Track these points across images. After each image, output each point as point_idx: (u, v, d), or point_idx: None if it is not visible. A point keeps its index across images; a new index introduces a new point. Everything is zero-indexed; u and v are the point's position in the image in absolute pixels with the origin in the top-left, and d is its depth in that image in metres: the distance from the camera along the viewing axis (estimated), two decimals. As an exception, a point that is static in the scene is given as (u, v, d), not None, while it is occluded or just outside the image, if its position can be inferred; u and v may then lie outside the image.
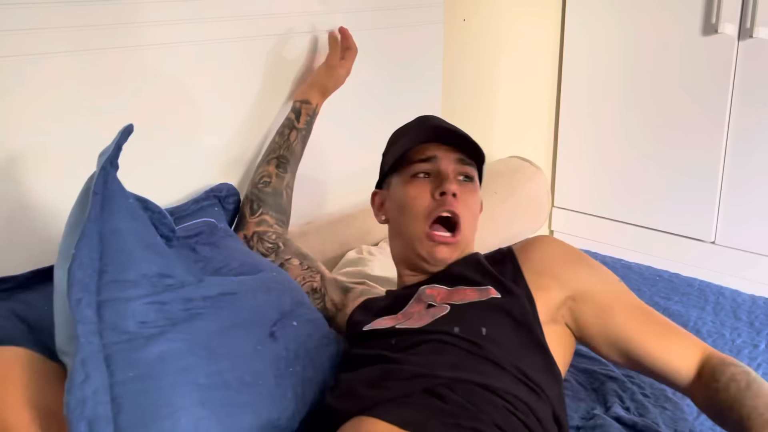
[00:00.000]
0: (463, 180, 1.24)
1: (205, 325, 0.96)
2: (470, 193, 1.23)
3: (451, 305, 1.11)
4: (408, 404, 0.95)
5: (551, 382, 1.03)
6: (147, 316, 0.91)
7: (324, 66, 1.59)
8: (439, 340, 1.04)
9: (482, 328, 1.05)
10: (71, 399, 0.83)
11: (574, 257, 1.18)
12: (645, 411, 1.19)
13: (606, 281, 1.16)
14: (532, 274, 1.13)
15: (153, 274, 0.94)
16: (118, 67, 1.32)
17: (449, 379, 0.97)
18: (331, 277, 1.40)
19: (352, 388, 1.02)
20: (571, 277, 1.14)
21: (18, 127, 1.22)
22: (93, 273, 0.90)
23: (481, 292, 1.12)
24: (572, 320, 1.13)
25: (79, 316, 0.87)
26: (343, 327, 1.29)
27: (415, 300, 1.17)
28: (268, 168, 1.48)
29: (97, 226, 0.92)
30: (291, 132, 1.52)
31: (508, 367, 1.00)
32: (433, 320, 1.09)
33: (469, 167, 1.24)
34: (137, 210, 0.99)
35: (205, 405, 0.90)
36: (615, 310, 1.12)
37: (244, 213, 1.44)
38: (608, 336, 1.11)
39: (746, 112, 2.22)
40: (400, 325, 1.12)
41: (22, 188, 1.24)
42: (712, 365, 1.05)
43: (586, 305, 1.12)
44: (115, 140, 0.98)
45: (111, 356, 0.87)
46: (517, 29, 2.39)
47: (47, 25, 1.21)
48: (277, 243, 1.40)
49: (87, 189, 0.96)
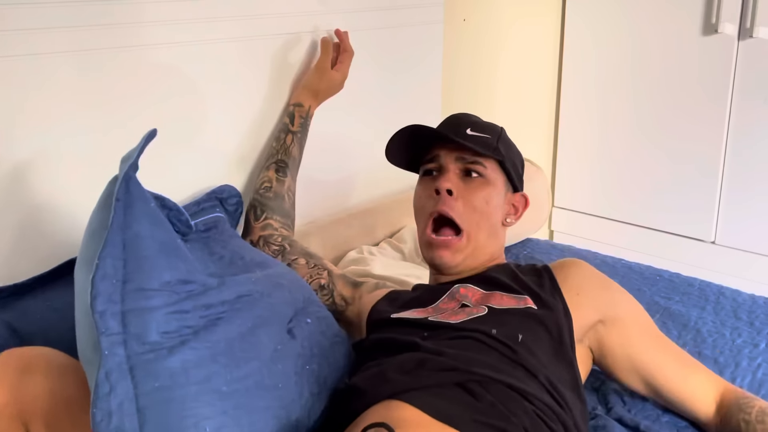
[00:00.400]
0: (465, 175, 1.22)
1: (225, 332, 0.96)
2: (474, 190, 1.20)
3: (488, 307, 1.11)
4: (441, 395, 0.95)
5: (575, 399, 1.05)
6: (169, 326, 0.91)
7: (314, 69, 1.59)
8: (475, 338, 1.04)
9: (519, 335, 1.05)
10: (97, 412, 0.83)
11: (608, 283, 1.20)
12: (646, 412, 1.19)
13: (634, 310, 1.18)
14: (568, 291, 1.14)
15: (175, 281, 0.94)
16: (123, 67, 1.32)
17: (484, 377, 0.97)
18: (339, 272, 1.40)
19: (382, 372, 1.01)
20: (605, 301, 1.16)
21: (23, 130, 1.22)
22: (117, 282, 0.89)
23: (519, 300, 1.12)
24: (597, 343, 1.15)
25: (103, 327, 0.87)
26: (354, 320, 1.30)
27: (448, 296, 1.17)
28: (268, 173, 1.50)
29: (120, 234, 0.92)
30: (287, 136, 1.54)
31: (539, 377, 1.01)
32: (470, 318, 1.09)
33: (473, 164, 1.21)
34: (158, 214, 0.99)
35: (227, 413, 0.90)
36: (640, 338, 1.15)
37: (249, 219, 1.46)
38: (631, 362, 1.14)
39: (746, 112, 2.22)
40: (432, 318, 1.12)
41: (27, 191, 1.24)
42: (735, 396, 1.09)
43: (614, 330, 1.14)
44: (139, 145, 0.98)
45: (135, 367, 0.87)
46: (517, 29, 2.39)
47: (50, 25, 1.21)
48: (283, 245, 1.41)
49: (109, 194, 0.95)
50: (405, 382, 0.98)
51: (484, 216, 1.21)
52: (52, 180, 1.26)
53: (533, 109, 2.61)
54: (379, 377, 1.01)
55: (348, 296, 1.35)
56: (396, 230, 1.80)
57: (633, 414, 1.18)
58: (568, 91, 2.59)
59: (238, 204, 1.41)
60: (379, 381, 1.00)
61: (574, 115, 2.61)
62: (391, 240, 1.76)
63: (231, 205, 1.40)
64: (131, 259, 0.92)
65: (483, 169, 1.22)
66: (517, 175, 1.27)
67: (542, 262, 1.79)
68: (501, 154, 1.23)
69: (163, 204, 1.06)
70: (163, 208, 1.04)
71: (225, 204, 1.39)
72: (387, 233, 1.79)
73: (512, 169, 1.25)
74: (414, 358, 1.02)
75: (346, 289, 1.36)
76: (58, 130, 1.26)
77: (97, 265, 0.89)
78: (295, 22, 1.61)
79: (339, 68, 1.58)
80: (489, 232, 1.22)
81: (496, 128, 1.27)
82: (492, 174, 1.23)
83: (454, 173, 1.21)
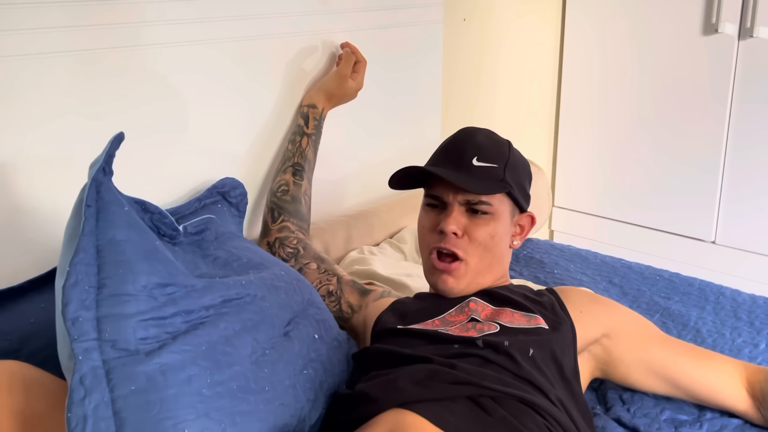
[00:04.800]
0: (470, 212, 1.19)
1: (208, 335, 0.95)
2: (479, 226, 1.18)
3: (500, 325, 1.12)
4: (451, 409, 0.95)
5: (587, 420, 1.07)
6: (147, 332, 0.90)
7: (335, 74, 1.62)
8: (484, 356, 1.04)
9: (530, 349, 1.06)
10: (72, 416, 0.82)
11: (608, 301, 1.24)
12: (645, 411, 1.19)
13: (637, 318, 1.22)
14: (573, 310, 1.17)
15: (153, 285, 0.93)
16: (118, 67, 1.32)
17: (496, 391, 0.98)
18: (349, 279, 1.40)
19: (393, 380, 1.01)
20: (607, 315, 1.19)
21: (15, 129, 1.21)
22: (90, 288, 0.88)
23: (529, 318, 1.13)
24: (605, 355, 1.16)
25: (75, 334, 0.85)
26: (359, 328, 1.31)
27: (457, 310, 1.17)
28: (285, 176, 1.52)
29: (92, 240, 0.91)
30: (302, 138, 1.56)
31: (550, 395, 1.02)
32: (482, 335, 1.10)
33: (479, 204, 1.18)
34: (134, 217, 0.98)
35: (209, 416, 0.89)
36: (649, 341, 1.17)
37: (267, 221, 1.49)
38: (648, 363, 1.16)
39: (746, 111, 2.22)
40: (442, 330, 1.12)
41: (17, 193, 1.24)
42: (764, 374, 1.12)
43: (621, 339, 1.16)
44: (105, 149, 0.97)
45: (111, 371, 0.86)
46: (517, 29, 2.39)
47: (47, 25, 1.21)
48: (297, 248, 1.43)
49: (80, 202, 0.94)
50: (416, 392, 0.97)
51: (487, 249, 1.20)
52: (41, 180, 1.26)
53: (533, 109, 2.61)
54: (390, 386, 1.00)
55: (355, 304, 1.35)
56: (396, 231, 1.80)
57: (632, 413, 1.18)
58: (568, 91, 2.59)
59: (242, 195, 1.38)
60: (390, 389, 0.99)
61: (574, 115, 2.61)
62: (392, 240, 1.76)
63: (234, 197, 1.37)
64: (106, 265, 0.90)
65: (488, 207, 1.19)
66: (524, 197, 1.25)
67: (542, 262, 1.80)
68: (508, 185, 1.19)
69: (145, 208, 1.04)
70: (144, 213, 1.03)
71: (227, 197, 1.36)
72: (387, 234, 1.79)
73: (519, 193, 1.22)
74: (426, 369, 1.02)
75: (353, 297, 1.36)
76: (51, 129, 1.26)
77: (68, 273, 0.88)
78: (296, 22, 1.61)
79: (355, 77, 1.62)
80: (492, 261, 1.22)
81: (504, 151, 1.22)
82: (498, 207, 1.20)
83: (458, 212, 1.18)
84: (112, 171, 0.97)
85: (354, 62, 1.62)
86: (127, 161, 1.07)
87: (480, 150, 1.20)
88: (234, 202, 1.37)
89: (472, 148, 1.20)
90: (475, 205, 1.18)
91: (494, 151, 1.21)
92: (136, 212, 1.00)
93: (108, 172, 0.97)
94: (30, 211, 1.25)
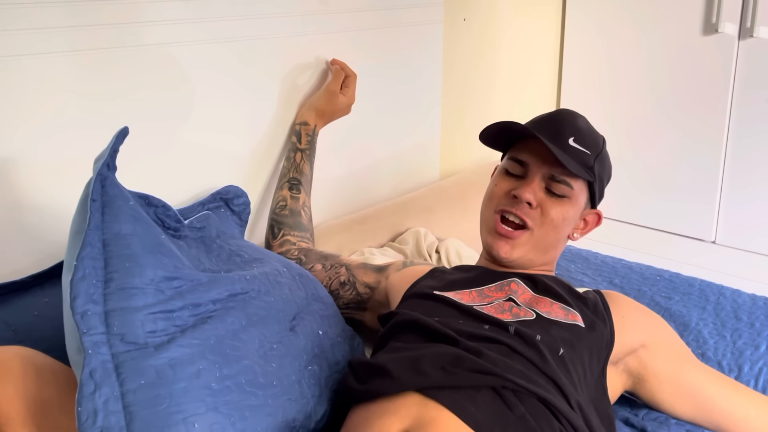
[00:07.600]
0: (549, 189, 1.18)
1: (215, 329, 0.96)
2: (554, 204, 1.17)
3: (537, 314, 1.10)
4: (474, 399, 0.93)
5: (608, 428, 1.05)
6: (155, 326, 0.90)
7: (324, 90, 1.63)
8: (512, 346, 1.02)
9: (561, 348, 1.04)
10: (82, 411, 0.82)
11: (654, 314, 1.21)
12: (654, 414, 1.18)
13: (677, 337, 1.20)
14: (616, 314, 1.14)
15: (160, 278, 0.93)
16: (121, 67, 1.32)
17: (518, 386, 0.96)
18: (359, 262, 1.40)
19: (417, 360, 0.99)
20: (650, 325, 1.17)
21: (18, 128, 1.22)
22: (98, 282, 0.89)
23: (567, 313, 1.11)
24: (641, 367, 1.13)
25: (84, 327, 0.86)
26: (383, 301, 1.30)
27: (498, 286, 1.16)
28: (282, 192, 1.53)
29: (99, 234, 0.91)
30: (296, 154, 1.58)
31: (571, 400, 0.99)
32: (516, 320, 1.08)
33: (562, 183, 1.17)
34: (140, 211, 0.98)
35: (218, 409, 0.89)
36: (688, 360, 1.15)
37: (268, 239, 1.50)
38: (680, 384, 1.13)
39: (746, 111, 2.22)
40: (477, 306, 1.11)
41: (19, 190, 1.24)
42: None
43: (659, 352, 1.14)
44: (110, 144, 0.97)
45: (120, 365, 0.86)
46: (517, 29, 2.38)
47: (49, 24, 1.20)
48: (299, 257, 1.43)
49: (85, 197, 0.95)
50: (439, 378, 0.95)
51: (555, 228, 1.19)
52: (44, 178, 1.26)
53: (533, 109, 2.60)
54: (413, 365, 0.98)
55: (371, 282, 1.35)
56: (398, 234, 1.79)
57: (641, 417, 1.18)
58: (568, 91, 2.59)
59: (245, 205, 1.38)
60: (412, 369, 0.97)
61: (574, 115, 2.60)
62: (393, 243, 1.74)
63: (237, 206, 1.37)
64: (113, 259, 0.91)
65: (569, 190, 1.18)
66: (601, 194, 1.24)
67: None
68: (594, 175, 1.19)
69: (148, 202, 1.05)
70: (148, 206, 1.04)
71: (231, 204, 1.36)
72: (389, 236, 1.77)
73: (599, 189, 1.22)
74: (450, 353, 0.99)
75: (368, 276, 1.36)
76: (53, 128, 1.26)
77: (75, 267, 0.88)
78: (297, 22, 1.61)
79: (345, 92, 1.63)
80: (552, 243, 1.21)
81: (599, 142, 1.22)
82: (577, 192, 1.19)
83: (539, 186, 1.18)
84: (116, 166, 0.98)
85: (344, 77, 1.63)
86: (127, 161, 1.07)
87: (579, 132, 1.19)
88: (237, 210, 1.38)
89: (571, 127, 1.19)
90: (557, 182, 1.17)
91: (591, 138, 1.21)
92: (140, 206, 1.01)
93: (112, 167, 0.97)
94: (31, 208, 1.25)
